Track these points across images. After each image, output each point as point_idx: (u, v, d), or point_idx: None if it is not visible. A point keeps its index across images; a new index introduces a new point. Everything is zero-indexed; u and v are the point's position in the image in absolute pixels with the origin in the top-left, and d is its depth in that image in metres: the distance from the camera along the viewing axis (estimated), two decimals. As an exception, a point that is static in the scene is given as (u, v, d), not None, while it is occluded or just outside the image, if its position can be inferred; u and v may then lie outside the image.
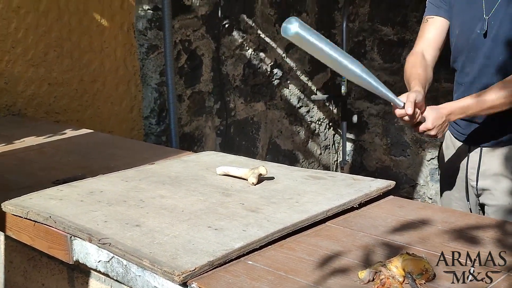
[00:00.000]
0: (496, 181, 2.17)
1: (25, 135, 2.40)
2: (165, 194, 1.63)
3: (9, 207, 1.58)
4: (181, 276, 1.15)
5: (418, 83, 2.04)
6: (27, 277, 1.90)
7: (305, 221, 1.41)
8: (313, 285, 1.13)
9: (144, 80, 3.41)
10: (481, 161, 2.19)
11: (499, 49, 2.07)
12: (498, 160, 2.16)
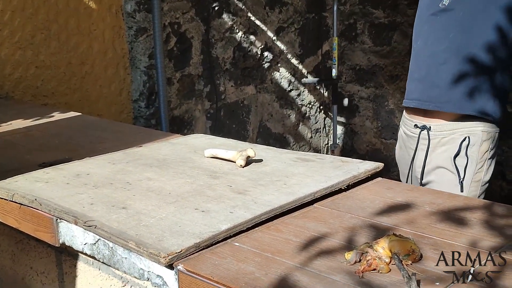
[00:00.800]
0: (439, 174, 2.22)
1: (12, 118, 2.38)
2: (152, 176, 1.62)
3: (-6, 189, 1.56)
4: (167, 258, 1.14)
5: None
6: (15, 260, 1.89)
7: (292, 203, 1.40)
8: (299, 266, 1.13)
9: (133, 63, 3.38)
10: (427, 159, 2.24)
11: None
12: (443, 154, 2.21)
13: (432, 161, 2.25)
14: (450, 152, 2.19)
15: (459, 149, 2.16)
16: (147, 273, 1.22)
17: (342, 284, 1.06)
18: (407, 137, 2.37)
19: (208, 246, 1.21)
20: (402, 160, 2.42)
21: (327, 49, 4.76)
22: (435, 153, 2.24)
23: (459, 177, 2.16)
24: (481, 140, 2.16)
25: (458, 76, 2.12)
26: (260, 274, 1.10)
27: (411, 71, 2.33)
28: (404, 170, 2.42)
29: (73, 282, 1.67)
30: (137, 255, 1.23)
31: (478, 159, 2.17)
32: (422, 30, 2.27)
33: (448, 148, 2.20)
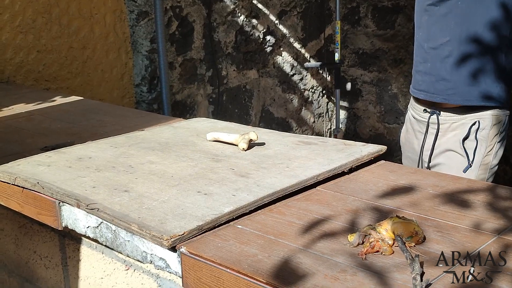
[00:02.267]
0: (448, 157, 2.21)
1: (14, 102, 2.38)
2: (154, 160, 1.61)
3: (-4, 173, 1.56)
4: (170, 241, 1.14)
5: None
6: (18, 245, 1.89)
7: (295, 185, 1.40)
8: (302, 249, 1.12)
9: (135, 47, 3.36)
10: (436, 142, 2.23)
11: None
12: (452, 138, 2.20)
13: (442, 145, 2.24)
14: (459, 136, 2.19)
15: (468, 133, 2.16)
16: (150, 256, 1.22)
17: (345, 266, 1.06)
18: (416, 121, 2.35)
19: (211, 228, 1.21)
20: (408, 144, 2.41)
21: (330, 32, 4.74)
22: (445, 138, 2.24)
23: (468, 159, 2.15)
24: (491, 124, 2.15)
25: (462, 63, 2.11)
26: (263, 256, 1.10)
27: (416, 62, 2.32)
28: (408, 153, 2.41)
29: (77, 266, 1.67)
30: (139, 238, 1.23)
31: (488, 142, 2.17)
32: (422, 21, 2.26)
33: (458, 132, 2.20)
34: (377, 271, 1.03)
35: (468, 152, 2.17)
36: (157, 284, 1.41)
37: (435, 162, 2.27)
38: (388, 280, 1.00)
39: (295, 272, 1.04)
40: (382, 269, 1.04)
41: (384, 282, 0.99)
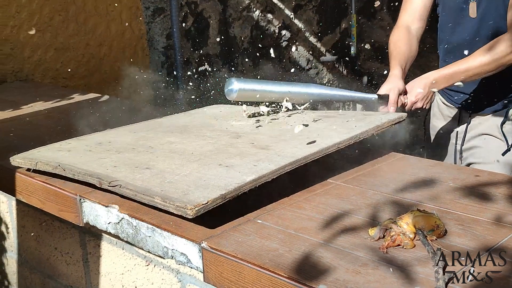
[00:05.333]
0: (484, 140, 2.17)
1: (33, 100, 2.40)
2: (174, 140, 1.61)
3: (18, 160, 1.57)
4: (194, 210, 1.13)
5: (398, 64, 2.05)
6: (39, 241, 1.91)
7: (316, 153, 1.38)
8: (323, 243, 1.12)
9: (151, 44, 3.38)
10: (469, 126, 2.19)
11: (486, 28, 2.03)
12: (486, 122, 2.16)
13: (476, 128, 2.19)
14: (496, 120, 2.14)
15: (505, 117, 2.11)
16: (171, 251, 1.23)
17: (366, 260, 1.06)
18: (445, 106, 2.31)
19: (233, 197, 1.20)
20: (435, 128, 2.36)
21: (346, 26, 4.72)
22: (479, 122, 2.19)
23: (507, 143, 2.11)
24: None
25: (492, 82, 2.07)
26: (283, 251, 1.10)
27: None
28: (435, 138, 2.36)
29: (97, 262, 1.69)
30: (160, 233, 1.23)
31: None
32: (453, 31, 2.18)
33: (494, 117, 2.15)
34: (399, 264, 1.03)
35: (507, 136, 2.12)
36: (178, 279, 1.42)
37: (470, 145, 2.21)
38: (410, 274, 1.00)
39: (317, 266, 1.04)
40: (404, 263, 1.04)
41: (406, 276, 0.99)
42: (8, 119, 2.18)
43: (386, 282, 0.98)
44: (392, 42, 2.18)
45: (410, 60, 2.14)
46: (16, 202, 1.97)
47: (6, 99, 2.45)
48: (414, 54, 2.17)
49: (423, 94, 1.98)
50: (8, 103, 2.37)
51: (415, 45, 2.18)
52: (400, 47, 2.14)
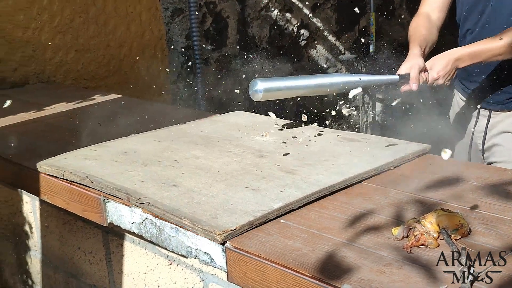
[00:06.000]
0: (505, 138, 2.14)
1: (55, 101, 2.42)
2: (198, 154, 1.62)
3: (45, 167, 1.59)
4: (222, 235, 1.15)
5: (417, 45, 2.03)
6: (63, 241, 1.93)
7: (342, 183, 1.40)
8: (346, 242, 1.12)
9: (170, 44, 3.39)
10: (489, 124, 2.16)
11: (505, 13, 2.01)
12: (508, 120, 2.13)
13: (497, 126, 2.17)
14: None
15: None
16: (195, 250, 1.24)
17: (390, 259, 1.05)
18: (465, 104, 2.29)
19: (261, 224, 1.21)
20: (456, 126, 2.34)
21: (364, 24, 4.70)
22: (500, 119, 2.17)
23: None
24: None
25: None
26: (307, 250, 1.10)
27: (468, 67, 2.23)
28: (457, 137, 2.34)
29: (120, 261, 1.70)
30: (184, 233, 1.24)
31: None
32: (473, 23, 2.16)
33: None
34: (423, 264, 1.03)
35: None
36: (200, 279, 1.43)
37: (491, 143, 2.19)
38: (435, 273, 1.00)
39: (340, 266, 1.04)
40: (428, 262, 1.03)
41: (431, 275, 0.99)
42: (31, 120, 2.20)
43: (411, 281, 0.98)
44: (412, 27, 2.16)
45: (429, 44, 2.11)
46: (39, 202, 2.00)
47: (28, 100, 2.47)
48: (433, 39, 2.14)
49: (445, 70, 1.95)
50: (31, 104, 2.40)
51: (435, 32, 2.16)
52: (420, 31, 2.12)
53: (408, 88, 1.95)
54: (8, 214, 2.19)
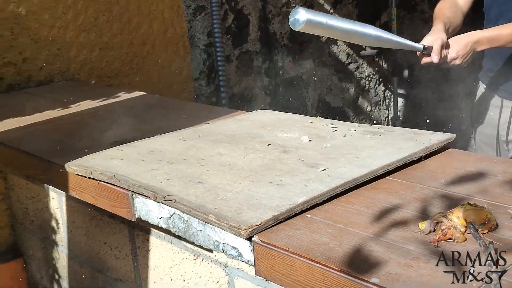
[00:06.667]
0: None
1: (80, 99, 2.45)
2: (223, 152, 1.64)
3: (73, 167, 1.62)
4: (248, 231, 1.16)
5: (441, 22, 2.04)
6: (89, 236, 1.96)
7: (367, 175, 1.39)
8: (373, 237, 1.13)
9: (193, 42, 3.41)
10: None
11: None
12: None
13: None
14: None
15: None
16: (222, 245, 1.25)
17: (417, 253, 1.06)
18: (489, 94, 2.28)
19: (286, 219, 1.22)
20: (481, 118, 2.34)
21: (386, 20, 4.68)
22: None
23: None
24: None
25: None
26: (334, 245, 1.11)
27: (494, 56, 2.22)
28: (482, 128, 2.33)
29: (146, 256, 1.72)
30: (212, 228, 1.26)
31: None
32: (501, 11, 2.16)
33: None
34: (451, 258, 1.03)
35: None
36: (226, 273, 1.44)
37: None
38: (462, 267, 1.00)
39: (368, 260, 1.05)
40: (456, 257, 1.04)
41: (458, 269, 0.99)
42: (57, 118, 2.23)
43: (439, 275, 0.98)
44: (437, 9, 2.19)
45: (453, 26, 2.12)
46: (66, 198, 2.03)
47: (54, 98, 2.51)
48: (458, 23, 2.16)
49: (464, 51, 1.97)
50: (57, 102, 2.43)
51: (459, 16, 2.17)
52: (444, 12, 2.15)
53: (429, 60, 1.97)
54: (35, 210, 2.22)
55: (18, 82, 2.67)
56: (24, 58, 2.66)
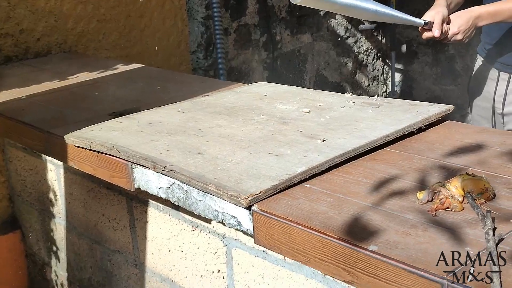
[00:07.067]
0: None
1: (78, 71, 2.44)
2: (222, 123, 1.64)
3: (72, 139, 1.62)
4: (247, 200, 1.17)
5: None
6: (87, 208, 1.97)
7: (365, 146, 1.40)
8: (372, 206, 1.14)
9: (191, 14, 3.39)
10: (508, 88, 2.16)
11: None
12: None
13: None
14: None
15: None
16: (222, 214, 1.26)
17: (415, 222, 1.07)
18: (485, 67, 2.29)
19: (285, 188, 1.23)
20: (478, 91, 2.35)
21: (385, -6, 4.65)
22: None
23: None
24: None
25: None
26: (333, 213, 1.12)
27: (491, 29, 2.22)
28: (479, 101, 2.34)
29: (144, 227, 1.73)
30: (211, 197, 1.26)
31: None
32: None
33: None
34: (448, 226, 1.04)
35: None
36: (223, 244, 1.45)
37: (510, 110, 2.20)
38: (459, 235, 1.01)
39: (366, 228, 1.06)
40: (453, 225, 1.05)
41: (456, 237, 1.00)
42: (56, 89, 2.23)
43: (436, 243, 0.99)
44: None
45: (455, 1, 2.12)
46: (63, 170, 2.03)
47: (52, 70, 2.50)
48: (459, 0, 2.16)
49: (465, 26, 1.99)
50: (55, 73, 2.42)
51: None
52: None
53: (430, 35, 2.00)
54: (33, 181, 2.23)
55: (15, 54, 2.65)
56: (21, 29, 2.64)
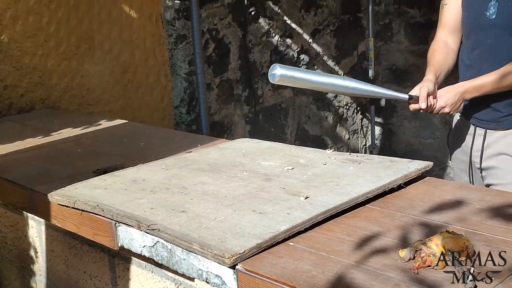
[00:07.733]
0: (502, 160, 2.19)
1: (62, 127, 2.45)
2: (206, 180, 1.65)
3: (56, 197, 1.62)
4: (231, 259, 1.18)
5: (431, 71, 2.20)
6: (68, 265, 1.95)
7: (347, 203, 1.42)
8: (355, 264, 1.15)
9: (174, 70, 3.44)
10: (485, 143, 2.22)
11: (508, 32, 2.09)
12: (503, 140, 2.19)
13: (493, 147, 2.22)
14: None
15: None
16: (206, 273, 1.26)
17: (398, 280, 1.08)
18: (463, 122, 2.35)
19: (269, 247, 1.24)
20: (457, 144, 2.40)
21: (363, 50, 4.76)
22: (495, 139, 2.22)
23: None
24: None
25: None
26: (317, 272, 1.13)
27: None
28: (458, 154, 2.39)
29: (126, 285, 1.72)
30: (195, 256, 1.26)
31: None
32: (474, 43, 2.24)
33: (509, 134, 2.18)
34: (431, 285, 1.06)
35: None
36: (207, 302, 1.45)
37: (487, 164, 2.24)
38: (442, 294, 1.02)
39: (350, 287, 1.06)
40: (435, 283, 1.06)
41: (438, 296, 1.01)
42: (39, 145, 2.23)
43: (419, 302, 1.00)
44: (430, 51, 2.32)
45: (444, 69, 2.24)
46: (45, 226, 2.02)
47: (36, 126, 2.50)
48: (450, 64, 2.28)
49: (452, 100, 2.09)
50: (39, 130, 2.43)
51: (451, 57, 2.30)
52: (436, 56, 2.27)
53: (417, 107, 2.10)
54: (13, 238, 2.20)
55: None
56: (5, 85, 2.66)
